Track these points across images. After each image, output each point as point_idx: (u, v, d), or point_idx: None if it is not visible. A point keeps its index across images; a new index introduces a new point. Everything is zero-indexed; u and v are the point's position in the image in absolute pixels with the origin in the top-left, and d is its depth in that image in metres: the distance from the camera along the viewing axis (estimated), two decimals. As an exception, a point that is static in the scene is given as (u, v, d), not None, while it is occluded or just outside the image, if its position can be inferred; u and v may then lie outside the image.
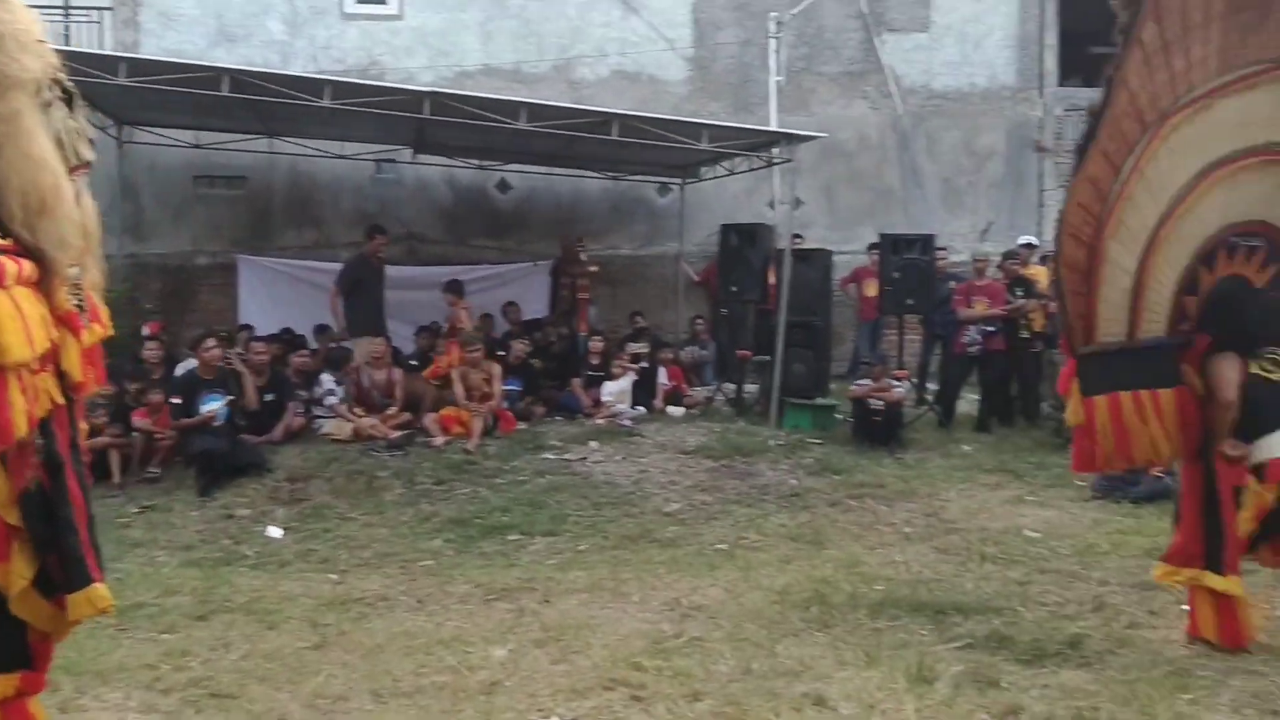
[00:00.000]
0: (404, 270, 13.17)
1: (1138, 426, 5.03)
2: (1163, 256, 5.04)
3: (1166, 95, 4.73)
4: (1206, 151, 4.93)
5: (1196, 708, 4.35)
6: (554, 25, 14.76)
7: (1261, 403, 5.03)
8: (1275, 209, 5.17)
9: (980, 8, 15.42)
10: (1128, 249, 4.98)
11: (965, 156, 15.39)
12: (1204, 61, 4.71)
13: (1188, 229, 5.05)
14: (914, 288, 11.60)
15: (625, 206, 15.20)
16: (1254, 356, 5.08)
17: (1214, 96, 4.82)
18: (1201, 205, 5.01)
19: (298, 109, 10.63)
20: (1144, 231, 4.97)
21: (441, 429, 10.32)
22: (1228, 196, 5.06)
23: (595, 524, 8.28)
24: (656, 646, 5.23)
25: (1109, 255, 4.94)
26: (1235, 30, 4.67)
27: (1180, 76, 4.70)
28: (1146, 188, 4.89)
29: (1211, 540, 5.07)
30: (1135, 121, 4.74)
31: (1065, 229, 4.88)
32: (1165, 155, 4.85)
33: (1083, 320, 5.05)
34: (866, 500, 8.89)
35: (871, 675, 4.74)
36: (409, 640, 5.44)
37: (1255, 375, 5.06)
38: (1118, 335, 5.12)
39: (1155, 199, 4.94)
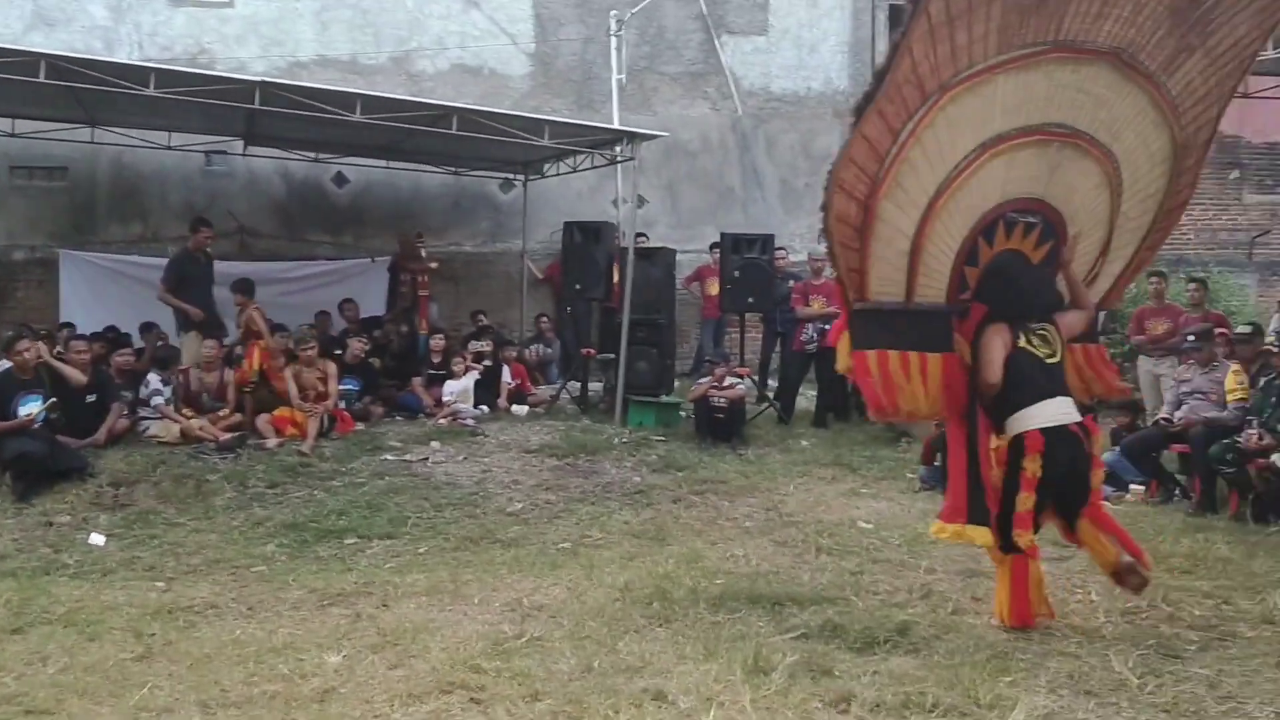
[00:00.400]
0: (235, 266, 12.70)
1: (903, 382, 5.25)
2: (942, 225, 5.22)
3: (948, 67, 4.82)
4: (986, 126, 5.09)
5: (1016, 689, 4.52)
6: (391, 16, 14.48)
7: (1026, 376, 5.27)
8: (1051, 188, 5.43)
9: (815, 13, 15.79)
10: (905, 212, 5.11)
11: (803, 158, 15.72)
12: (985, 38, 4.82)
13: (967, 200, 5.24)
14: (754, 286, 11.79)
15: (467, 202, 15.02)
16: (1024, 330, 5.33)
17: (994, 73, 4.94)
18: (980, 178, 5.19)
19: (121, 97, 10.14)
20: (923, 197, 5.11)
21: (275, 430, 10.03)
22: (1006, 173, 5.27)
23: (436, 525, 8.15)
24: (496, 648, 5.17)
25: (882, 214, 5.04)
26: (1014, 11, 4.80)
27: (962, 50, 4.80)
28: (925, 154, 5.01)
29: (974, 497, 5.35)
30: (916, 89, 4.82)
31: (836, 183, 4.92)
32: (944, 125, 4.96)
33: (855, 274, 5.17)
34: (709, 496, 8.99)
35: (710, 668, 4.78)
36: (239, 649, 5.26)
37: (1023, 349, 5.30)
38: (894, 296, 5.28)
39: (934, 167, 5.07)
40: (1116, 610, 5.72)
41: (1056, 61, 5.04)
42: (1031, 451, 5.21)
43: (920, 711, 4.31)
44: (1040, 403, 5.27)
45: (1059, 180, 5.44)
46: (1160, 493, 8.79)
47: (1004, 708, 4.31)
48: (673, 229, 14.96)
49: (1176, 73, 5.29)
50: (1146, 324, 10.81)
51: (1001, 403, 5.33)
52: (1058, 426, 5.27)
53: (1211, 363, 8.94)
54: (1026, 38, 4.91)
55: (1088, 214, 5.61)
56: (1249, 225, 17.03)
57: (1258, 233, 16.92)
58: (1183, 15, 5.11)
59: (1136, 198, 5.67)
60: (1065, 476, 5.30)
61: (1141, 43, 5.13)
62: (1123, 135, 5.41)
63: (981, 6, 4.71)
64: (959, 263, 5.40)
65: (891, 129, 4.89)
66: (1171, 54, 5.22)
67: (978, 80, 4.92)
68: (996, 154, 5.17)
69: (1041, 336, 5.38)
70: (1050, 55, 5.01)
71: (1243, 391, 8.50)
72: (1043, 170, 5.37)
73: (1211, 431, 8.34)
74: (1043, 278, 5.51)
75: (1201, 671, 4.77)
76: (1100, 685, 4.62)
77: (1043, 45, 4.95)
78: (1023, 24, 4.85)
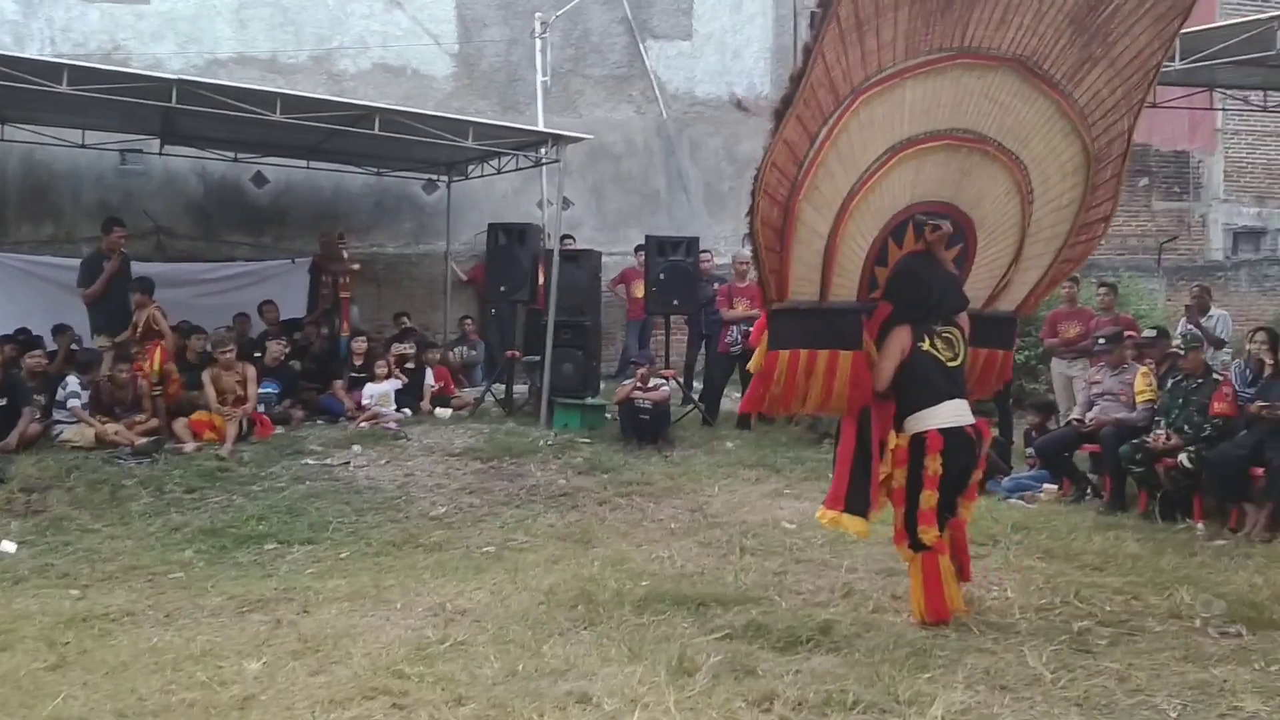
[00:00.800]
0: (151, 267, 12.41)
1: (804, 382, 5.37)
2: (855, 226, 5.31)
3: (859, 71, 4.91)
4: (895, 130, 5.19)
5: (934, 685, 4.61)
6: (312, 15, 14.29)
7: (926, 378, 5.44)
8: (961, 192, 5.56)
9: (739, 19, 15.92)
10: (821, 214, 5.20)
11: (727, 162, 15.83)
12: (893, 43, 4.91)
13: (878, 202, 5.35)
14: (679, 289, 11.85)
15: (390, 203, 14.88)
16: (928, 334, 5.47)
17: (903, 78, 5.03)
18: (890, 180, 5.30)
19: (32, 94, 9.86)
20: (837, 199, 5.20)
21: (192, 434, 9.88)
22: (915, 175, 5.39)
23: (358, 530, 8.07)
24: (419, 653, 5.14)
25: (802, 217, 5.12)
26: (920, 17, 4.89)
27: (871, 55, 4.89)
28: (839, 157, 5.09)
29: (857, 488, 5.51)
30: (830, 93, 4.90)
31: (761, 188, 5.00)
32: (857, 128, 5.04)
33: (775, 276, 5.26)
34: (634, 498, 9.01)
35: (635, 670, 4.80)
36: (156, 657, 5.17)
37: (926, 352, 5.45)
38: (810, 296, 5.38)
39: (847, 170, 5.16)
40: (1031, 606, 5.85)
41: (963, 68, 5.14)
42: (932, 451, 5.37)
43: (841, 709, 4.37)
44: (940, 404, 5.43)
45: (968, 185, 5.55)
46: (1072, 491, 9.01)
47: (922, 704, 4.40)
48: (598, 231, 14.97)
49: (1082, 83, 5.42)
50: (1059, 327, 11.07)
51: (902, 403, 5.49)
52: (956, 428, 5.45)
53: (1121, 365, 9.19)
54: (933, 44, 5.01)
55: (998, 220, 5.73)
56: (1157, 231, 17.54)
57: (1166, 239, 17.44)
58: (1083, 25, 5.23)
59: (1049, 207, 5.77)
60: (959, 476, 5.50)
61: (1045, 51, 5.25)
62: (1030, 142, 5.52)
63: (888, 12, 4.79)
64: (869, 263, 5.51)
65: (809, 132, 4.96)
66: (1076, 64, 5.35)
67: (887, 85, 5.00)
68: (905, 157, 5.27)
69: (946, 340, 5.52)
70: (957, 61, 5.11)
71: (1151, 393, 8.75)
72: (952, 174, 5.48)
73: (1121, 432, 8.57)
74: (949, 279, 5.63)
75: (1112, 665, 4.90)
76: (1015, 680, 4.72)
77: (949, 52, 5.06)
78: (929, 30, 4.95)
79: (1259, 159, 18.08)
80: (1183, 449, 8.04)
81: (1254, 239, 18.20)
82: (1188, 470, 7.98)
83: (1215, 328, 10.75)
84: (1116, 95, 5.53)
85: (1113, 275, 14.70)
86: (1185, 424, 8.20)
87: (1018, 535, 7.48)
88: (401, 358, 11.88)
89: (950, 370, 5.51)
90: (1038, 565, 6.74)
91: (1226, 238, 17.98)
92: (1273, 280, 17.90)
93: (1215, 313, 11.07)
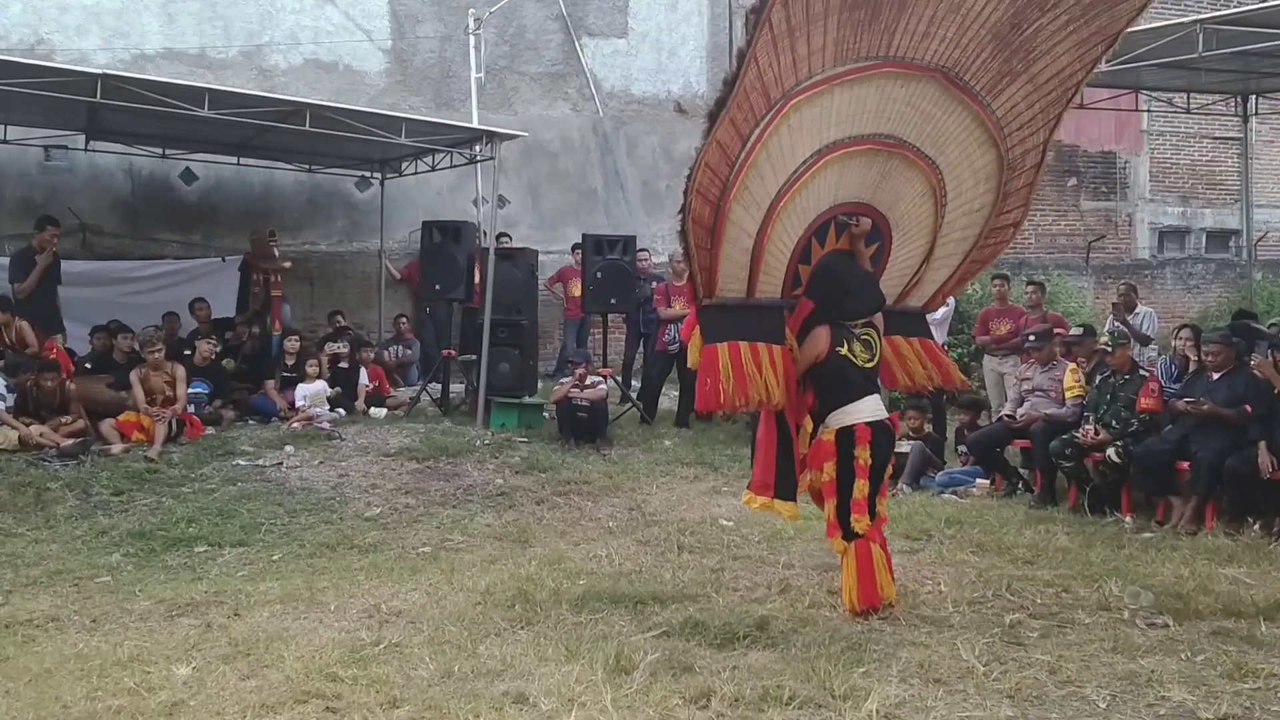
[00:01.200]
0: (77, 265, 12.17)
1: (754, 373, 5.47)
2: (782, 225, 5.49)
3: (790, 76, 5.04)
4: (823, 134, 5.37)
5: (869, 679, 4.65)
6: (242, 9, 14.03)
7: (847, 379, 5.67)
8: (879, 194, 5.79)
9: (674, 18, 15.95)
10: (750, 214, 5.35)
11: (664, 161, 15.84)
12: (823, 50, 5.05)
13: (804, 203, 5.53)
14: (616, 287, 11.84)
15: (322, 200, 14.67)
16: (847, 337, 5.67)
17: (832, 84, 5.20)
18: (816, 182, 5.48)
19: (-49, 89, 9.60)
20: (765, 199, 5.35)
21: (120, 436, 9.68)
22: (839, 178, 5.58)
23: (290, 532, 7.95)
24: (353, 655, 5.07)
25: (732, 216, 5.26)
26: (849, 25, 5.04)
27: (802, 61, 5.02)
28: (769, 159, 5.24)
29: (784, 474, 5.76)
30: (762, 96, 5.02)
31: (694, 187, 5.11)
32: (786, 132, 5.20)
33: (706, 273, 5.40)
34: (572, 497, 8.99)
35: (572, 669, 4.78)
36: (82, 663, 5.05)
37: (844, 357, 5.66)
38: (737, 292, 5.54)
39: (776, 171, 5.32)
40: (964, 600, 5.93)
41: (888, 76, 5.34)
42: (862, 442, 5.61)
43: (778, 705, 4.39)
44: (861, 400, 5.69)
45: (886, 187, 5.77)
46: (1004, 486, 9.14)
47: (858, 698, 4.43)
48: (535, 229, 14.91)
49: (1001, 95, 5.67)
50: (990, 324, 11.24)
51: (824, 400, 5.72)
52: (879, 420, 5.74)
53: (1051, 361, 9.34)
54: (861, 52, 5.18)
55: (911, 220, 5.97)
56: (1085, 230, 17.90)
57: (1094, 238, 17.79)
58: (1005, 41, 5.45)
59: (961, 210, 6.03)
60: (880, 468, 5.73)
61: (966, 64, 5.47)
62: (947, 149, 5.76)
63: (819, 19, 4.90)
64: (794, 260, 5.70)
65: (740, 135, 5.08)
66: (996, 77, 5.59)
67: (817, 91, 5.16)
68: (831, 161, 5.45)
69: (864, 342, 5.74)
70: (883, 70, 5.30)
71: (1080, 389, 8.91)
72: (872, 177, 5.69)
73: (1051, 427, 8.72)
74: (868, 278, 5.83)
75: (1043, 657, 4.98)
76: (949, 673, 4.78)
77: (875, 60, 5.25)
78: (857, 39, 5.11)
79: (1183, 160, 18.54)
80: (1111, 444, 8.19)
81: (1179, 238, 18.67)
82: (1116, 465, 8.14)
83: (1142, 325, 10.99)
84: (1034, 109, 5.80)
85: (1042, 274, 15.00)
86: (1113, 419, 8.35)
87: (951, 530, 7.58)
88: (335, 357, 11.74)
89: (868, 371, 5.77)
90: (970, 559, 6.83)
91: (1152, 237, 18.42)
92: (1197, 278, 18.37)
93: (1141, 310, 11.31)
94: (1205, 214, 18.72)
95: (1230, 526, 7.48)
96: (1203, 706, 4.41)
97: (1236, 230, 18.71)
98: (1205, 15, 11.73)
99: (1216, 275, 18.50)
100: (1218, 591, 5.97)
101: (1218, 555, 6.83)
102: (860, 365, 5.69)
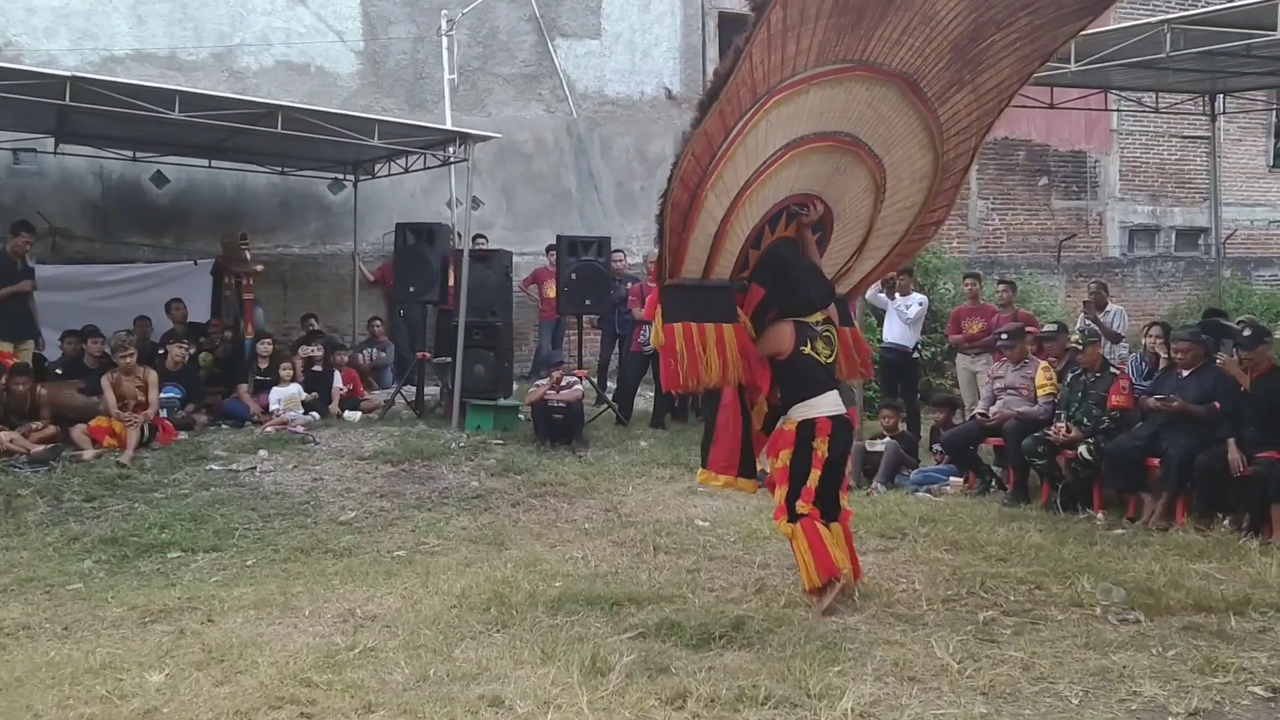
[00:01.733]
0: (47, 269, 12.03)
1: (702, 353, 5.59)
2: (744, 213, 5.68)
3: (776, 74, 5.19)
4: (794, 129, 5.57)
5: (844, 678, 4.67)
6: (212, 11, 13.92)
7: (810, 375, 5.89)
8: (828, 187, 6.03)
9: (647, 18, 15.95)
10: (720, 201, 5.52)
11: (638, 162, 15.86)
12: (808, 51, 5.20)
13: (766, 193, 5.74)
14: (591, 288, 11.83)
15: (295, 203, 14.58)
16: (809, 336, 5.87)
17: (810, 83, 5.38)
18: (779, 174, 5.69)
19: (-82, 92, 9.50)
20: (735, 187, 5.53)
21: (92, 441, 9.61)
22: (798, 170, 5.79)
23: (264, 537, 7.92)
24: (328, 660, 5.05)
25: (706, 204, 5.43)
26: (834, 29, 5.19)
27: (789, 60, 5.17)
28: (745, 152, 5.41)
29: (747, 455, 6.00)
30: (749, 92, 5.16)
31: (678, 173, 5.25)
32: (765, 127, 5.37)
33: (673, 256, 5.53)
34: (548, 499, 9.00)
35: (548, 671, 4.78)
36: (53, 671, 5.02)
37: (808, 355, 5.85)
38: (695, 273, 5.70)
39: (749, 162, 5.49)
40: (938, 598, 5.97)
41: (858, 79, 5.57)
42: (822, 434, 5.81)
43: (753, 704, 4.40)
44: (824, 394, 5.90)
45: (837, 181, 6.03)
46: (977, 484, 9.20)
47: (833, 697, 4.45)
48: (509, 231, 14.88)
49: (947, 103, 5.97)
50: (963, 323, 11.31)
51: (787, 393, 5.91)
52: (840, 415, 5.96)
53: (1023, 359, 9.39)
54: (840, 54, 5.37)
55: (852, 214, 6.26)
56: (1056, 229, 18.03)
57: (1065, 236, 17.92)
58: (962, 53, 5.74)
59: (895, 207, 6.36)
60: (839, 461, 5.92)
61: (925, 71, 5.74)
62: (893, 150, 6.05)
63: (811, 22, 5.03)
64: (746, 245, 5.87)
65: (725, 126, 5.21)
66: (946, 85, 5.89)
67: (797, 89, 5.33)
68: (796, 154, 5.67)
69: (826, 339, 5.98)
70: (855, 73, 5.53)
71: (1051, 387, 8.97)
72: (827, 171, 5.93)
73: (1023, 425, 8.77)
74: (813, 267, 6.06)
75: (1016, 654, 5.01)
76: (923, 671, 4.81)
77: (850, 63, 5.46)
78: (839, 42, 5.28)
79: (1153, 158, 18.70)
80: (1082, 441, 8.25)
81: (1149, 236, 18.83)
82: (1087, 462, 8.20)
83: (1112, 323, 11.06)
84: (972, 117, 6.16)
85: (1014, 273, 15.11)
86: (1084, 417, 8.41)
87: (925, 528, 7.62)
88: (309, 360, 11.68)
89: (829, 366, 6.02)
90: (944, 557, 6.87)
91: (1123, 235, 18.57)
92: (1167, 276, 18.54)
93: (1112, 308, 11.40)
94: (1175, 212, 18.89)
95: (1200, 522, 7.54)
96: (1174, 701, 4.45)
97: (1205, 228, 18.90)
98: (1173, 15, 11.84)
99: (1186, 273, 18.68)
100: (1188, 587, 6.02)
101: (1188, 551, 6.88)
102: (822, 362, 5.92)
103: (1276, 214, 19.46)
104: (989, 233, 17.66)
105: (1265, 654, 4.98)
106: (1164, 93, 15.62)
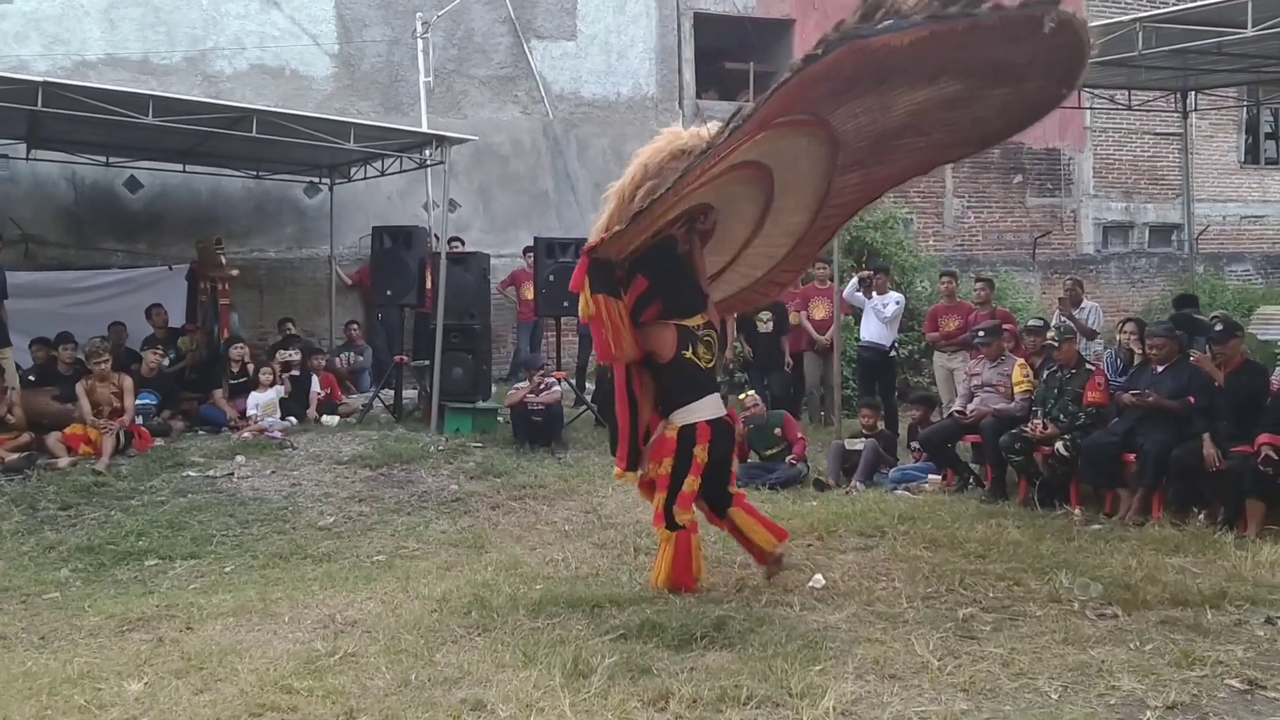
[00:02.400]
0: (19, 275, 11.92)
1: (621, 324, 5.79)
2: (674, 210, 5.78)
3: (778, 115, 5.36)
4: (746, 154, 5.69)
5: (826, 677, 4.68)
6: (185, 15, 13.85)
7: (691, 379, 6.02)
8: (727, 205, 6.24)
9: (623, 20, 15.96)
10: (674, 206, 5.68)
11: (614, 163, 15.74)
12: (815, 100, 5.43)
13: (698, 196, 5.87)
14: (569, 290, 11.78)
15: (270, 206, 14.52)
16: (691, 340, 5.99)
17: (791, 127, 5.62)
18: (712, 186, 5.80)
19: (-114, 98, 9.41)
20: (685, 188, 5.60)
21: (67, 449, 9.53)
22: (725, 187, 5.94)
23: (243, 543, 7.90)
24: (308, 666, 5.03)
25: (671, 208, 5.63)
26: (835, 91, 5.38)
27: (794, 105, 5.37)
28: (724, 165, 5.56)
29: (633, 443, 6.10)
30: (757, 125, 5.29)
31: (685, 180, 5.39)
32: (741, 153, 5.55)
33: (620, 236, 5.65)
34: (527, 501, 8.99)
35: (529, 674, 4.77)
36: (30, 681, 4.98)
37: (689, 360, 5.97)
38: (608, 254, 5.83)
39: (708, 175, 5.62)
40: (918, 595, 5.99)
41: (809, 131, 5.79)
42: (702, 440, 5.94)
43: (736, 704, 4.40)
44: (703, 399, 6.01)
45: (736, 204, 6.26)
46: (956, 481, 9.24)
47: (815, 696, 4.45)
48: (487, 233, 14.86)
49: (840, 177, 6.27)
50: (939, 321, 11.35)
51: (668, 399, 6.03)
52: (720, 418, 6.09)
53: (1000, 357, 9.44)
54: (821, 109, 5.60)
55: (727, 237, 6.57)
56: (1031, 227, 18.13)
57: (1039, 234, 18.03)
58: (881, 141, 6.04)
59: (759, 249, 6.78)
60: (722, 463, 6.05)
61: (850, 146, 5.99)
62: (786, 196, 6.31)
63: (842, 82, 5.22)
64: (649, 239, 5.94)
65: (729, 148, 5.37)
66: (850, 162, 6.17)
67: (782, 130, 5.55)
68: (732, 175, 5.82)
69: (706, 343, 6.09)
70: (812, 126, 5.75)
71: (1028, 384, 9.02)
72: (738, 191, 6.12)
73: (1001, 422, 8.81)
74: (689, 272, 6.23)
75: (996, 651, 5.03)
76: (904, 669, 4.82)
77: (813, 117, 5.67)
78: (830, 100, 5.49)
79: (1126, 155, 18.84)
80: (1059, 437, 8.30)
81: (1123, 233, 18.97)
82: (1064, 458, 8.25)
83: (1088, 319, 11.14)
84: (848, 199, 6.56)
85: (990, 270, 15.18)
86: (1061, 413, 8.46)
87: (904, 526, 7.64)
88: (286, 365, 11.63)
89: (709, 370, 6.16)
90: (923, 555, 6.89)
91: (1097, 232, 18.70)
92: (1141, 272, 18.67)
93: (1087, 305, 11.48)
94: (1148, 209, 19.03)
95: (1176, 517, 7.59)
96: (1152, 695, 4.48)
97: (1178, 224, 19.06)
98: (1145, 13, 11.94)
99: (1159, 269, 18.81)
100: (1165, 581, 6.06)
101: (1164, 545, 6.93)
102: (703, 366, 6.04)
103: (1248, 210, 19.64)
104: (964, 230, 17.76)
105: (1241, 647, 5.02)
106: (1136, 90, 15.74)
